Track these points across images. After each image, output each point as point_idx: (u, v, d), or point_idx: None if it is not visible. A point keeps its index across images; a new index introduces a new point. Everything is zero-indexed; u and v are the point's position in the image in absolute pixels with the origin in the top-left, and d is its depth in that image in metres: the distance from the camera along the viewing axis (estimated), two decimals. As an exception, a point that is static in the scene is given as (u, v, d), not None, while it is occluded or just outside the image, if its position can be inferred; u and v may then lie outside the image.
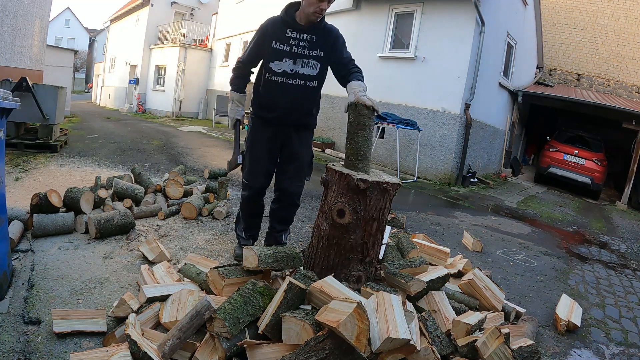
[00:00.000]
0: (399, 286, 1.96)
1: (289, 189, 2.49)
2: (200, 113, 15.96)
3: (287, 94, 2.35)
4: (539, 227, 5.29)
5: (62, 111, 6.20)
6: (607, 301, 3.01)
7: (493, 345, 1.59)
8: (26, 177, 4.00)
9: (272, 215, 2.64)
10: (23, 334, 1.63)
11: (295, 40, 2.31)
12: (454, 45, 7.47)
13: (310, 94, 2.40)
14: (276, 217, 2.62)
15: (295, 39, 2.31)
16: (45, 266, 2.18)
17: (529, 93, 10.23)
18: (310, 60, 2.33)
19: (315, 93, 2.43)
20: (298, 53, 2.32)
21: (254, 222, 2.67)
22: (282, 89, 2.35)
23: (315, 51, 2.33)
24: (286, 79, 2.34)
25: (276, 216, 2.62)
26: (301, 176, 2.51)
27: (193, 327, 1.53)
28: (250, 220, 2.65)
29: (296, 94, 2.36)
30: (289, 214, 2.62)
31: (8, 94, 1.80)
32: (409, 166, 7.87)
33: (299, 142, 2.46)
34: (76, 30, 39.26)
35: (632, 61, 12.53)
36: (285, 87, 2.35)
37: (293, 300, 1.62)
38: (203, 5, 18.28)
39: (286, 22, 2.30)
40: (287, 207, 2.57)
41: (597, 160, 8.73)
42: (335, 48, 2.36)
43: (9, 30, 6.60)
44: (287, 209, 2.58)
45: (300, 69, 2.33)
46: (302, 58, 2.32)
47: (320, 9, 2.19)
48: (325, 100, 9.70)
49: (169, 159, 6.09)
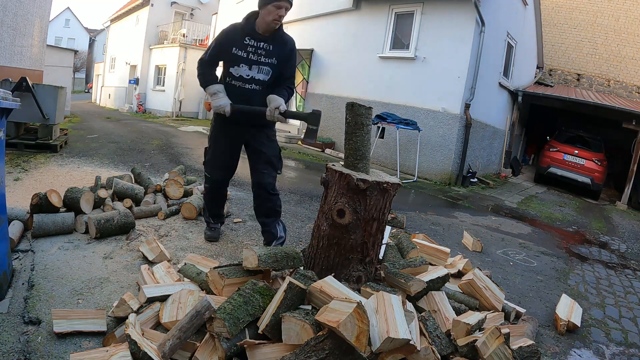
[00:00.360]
0: (399, 286, 1.96)
1: (261, 181, 2.64)
2: (200, 113, 15.96)
3: (243, 97, 2.53)
4: (539, 227, 5.30)
5: (62, 111, 6.20)
6: (607, 301, 3.01)
7: (493, 345, 1.59)
8: (26, 177, 4.00)
9: (257, 213, 2.76)
10: (23, 334, 1.63)
11: (252, 48, 2.48)
12: (454, 45, 7.47)
13: (261, 97, 2.52)
14: (261, 213, 2.73)
15: (252, 46, 2.48)
16: (45, 266, 2.18)
17: (529, 93, 10.24)
18: (265, 67, 2.52)
19: (264, 95, 2.53)
20: (254, 60, 2.50)
21: (215, 206, 2.92)
22: (239, 93, 2.54)
23: (271, 59, 2.51)
24: (243, 83, 2.53)
25: (260, 212, 2.73)
26: (271, 170, 2.66)
27: (193, 327, 1.53)
28: (212, 205, 2.91)
29: (251, 97, 2.54)
30: (271, 206, 2.70)
31: (8, 94, 1.80)
32: (409, 166, 7.87)
33: (261, 139, 2.63)
34: (76, 30, 39.28)
35: (632, 61, 12.53)
36: (241, 91, 2.54)
37: (293, 300, 1.62)
38: (203, 5, 18.29)
39: (245, 30, 2.48)
40: (266, 199, 2.68)
41: (597, 160, 8.73)
42: (286, 61, 2.55)
43: (9, 30, 6.60)
44: (266, 200, 2.68)
45: (255, 74, 2.52)
46: (257, 64, 2.51)
47: (279, 15, 2.37)
48: (325, 100, 9.71)
49: (169, 159, 6.09)
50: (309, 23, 10.13)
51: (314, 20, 9.97)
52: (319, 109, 2.53)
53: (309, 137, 2.59)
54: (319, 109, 2.62)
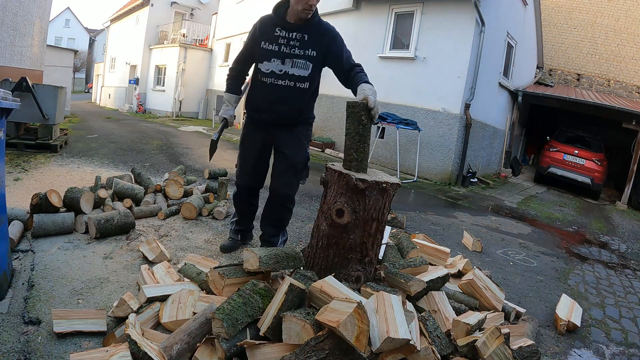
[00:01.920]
0: (399, 286, 1.96)
1: (277, 190, 2.43)
2: (200, 113, 15.96)
3: (275, 95, 2.29)
4: (539, 227, 5.29)
5: (62, 111, 6.20)
6: (607, 301, 3.01)
7: (493, 345, 1.59)
8: (26, 177, 4.00)
9: (263, 218, 2.62)
10: (23, 334, 1.63)
11: (284, 40, 2.22)
12: (454, 45, 7.47)
13: (300, 96, 2.30)
14: (267, 221, 2.58)
15: (284, 37, 2.22)
16: (45, 266, 2.18)
17: (529, 93, 10.23)
18: (300, 60, 2.23)
19: (304, 94, 2.32)
20: (287, 53, 2.22)
21: (243, 219, 2.72)
22: (270, 90, 2.29)
23: (307, 50, 2.22)
24: (274, 79, 2.27)
25: (266, 220, 2.58)
26: (291, 177, 2.40)
27: (202, 334, 1.54)
28: (240, 215, 2.71)
29: (285, 95, 2.28)
30: (279, 217, 2.54)
31: (8, 94, 1.80)
32: (409, 166, 7.87)
33: (289, 142, 2.38)
34: (76, 30, 39.27)
35: (632, 61, 12.53)
36: (273, 88, 2.28)
37: (294, 301, 1.62)
38: (203, 5, 18.28)
39: (276, 21, 2.22)
40: (276, 208, 2.50)
41: (597, 160, 8.72)
42: (332, 50, 2.25)
43: (9, 30, 6.59)
44: (276, 212, 2.51)
45: (289, 69, 2.24)
46: (291, 58, 2.23)
47: (309, 4, 2.11)
48: (325, 100, 9.70)
49: (169, 159, 6.09)
50: (309, 23, 10.11)
51: (314, 20, 9.94)
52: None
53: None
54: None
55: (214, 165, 5.84)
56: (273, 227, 2.57)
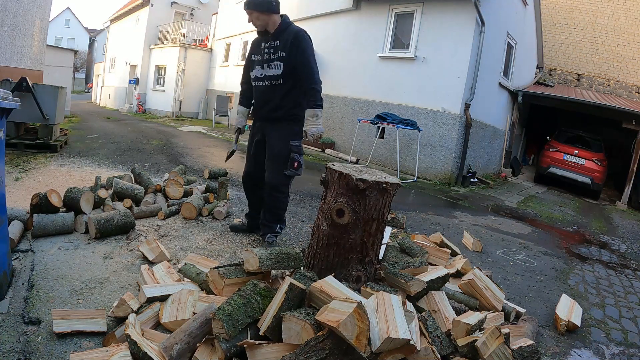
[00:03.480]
0: (399, 286, 1.96)
1: (266, 179, 2.79)
2: (200, 113, 15.96)
3: (260, 96, 2.79)
4: (539, 227, 5.29)
5: (62, 111, 6.20)
6: (607, 301, 3.01)
7: (493, 345, 1.59)
8: (26, 177, 4.00)
9: (262, 204, 2.93)
10: (23, 334, 1.63)
11: (265, 49, 2.70)
12: (454, 45, 7.47)
13: (277, 92, 2.69)
14: (264, 207, 2.89)
15: (265, 47, 2.70)
16: (45, 266, 2.18)
17: (529, 93, 10.23)
18: (274, 62, 2.66)
19: (280, 90, 2.69)
20: (266, 59, 2.69)
21: (250, 205, 3.08)
22: (257, 92, 2.82)
23: (278, 53, 2.64)
24: (258, 82, 2.77)
25: (263, 205, 2.90)
26: (274, 168, 2.74)
27: (202, 334, 1.54)
28: (247, 199, 3.09)
29: (266, 94, 2.74)
30: (271, 204, 2.82)
31: (8, 94, 1.80)
32: (409, 166, 7.87)
33: (273, 136, 2.76)
34: (76, 30, 39.28)
35: (632, 61, 12.53)
36: (258, 90, 2.80)
37: (294, 301, 1.62)
38: (203, 5, 18.27)
39: (262, 37, 2.73)
40: (268, 194, 2.80)
41: (597, 160, 8.72)
42: (294, 50, 2.61)
43: (9, 30, 6.60)
44: (268, 197, 2.81)
45: (267, 71, 2.69)
46: (268, 62, 2.68)
47: (250, 22, 2.63)
48: (325, 100, 9.67)
49: (169, 159, 6.09)
50: (309, 23, 10.10)
51: (314, 20, 9.96)
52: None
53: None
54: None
55: (214, 165, 5.84)
56: (267, 212, 2.86)
